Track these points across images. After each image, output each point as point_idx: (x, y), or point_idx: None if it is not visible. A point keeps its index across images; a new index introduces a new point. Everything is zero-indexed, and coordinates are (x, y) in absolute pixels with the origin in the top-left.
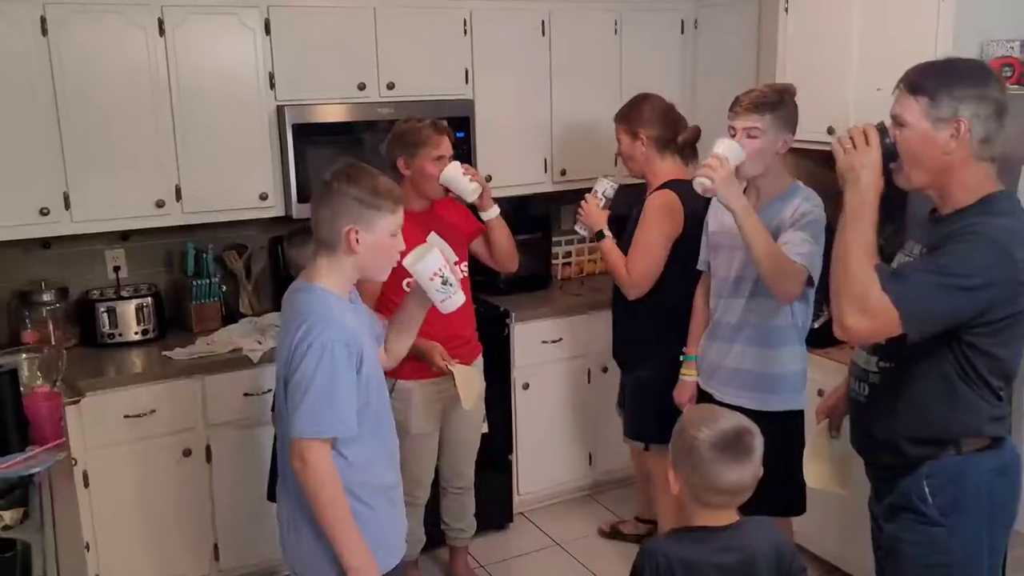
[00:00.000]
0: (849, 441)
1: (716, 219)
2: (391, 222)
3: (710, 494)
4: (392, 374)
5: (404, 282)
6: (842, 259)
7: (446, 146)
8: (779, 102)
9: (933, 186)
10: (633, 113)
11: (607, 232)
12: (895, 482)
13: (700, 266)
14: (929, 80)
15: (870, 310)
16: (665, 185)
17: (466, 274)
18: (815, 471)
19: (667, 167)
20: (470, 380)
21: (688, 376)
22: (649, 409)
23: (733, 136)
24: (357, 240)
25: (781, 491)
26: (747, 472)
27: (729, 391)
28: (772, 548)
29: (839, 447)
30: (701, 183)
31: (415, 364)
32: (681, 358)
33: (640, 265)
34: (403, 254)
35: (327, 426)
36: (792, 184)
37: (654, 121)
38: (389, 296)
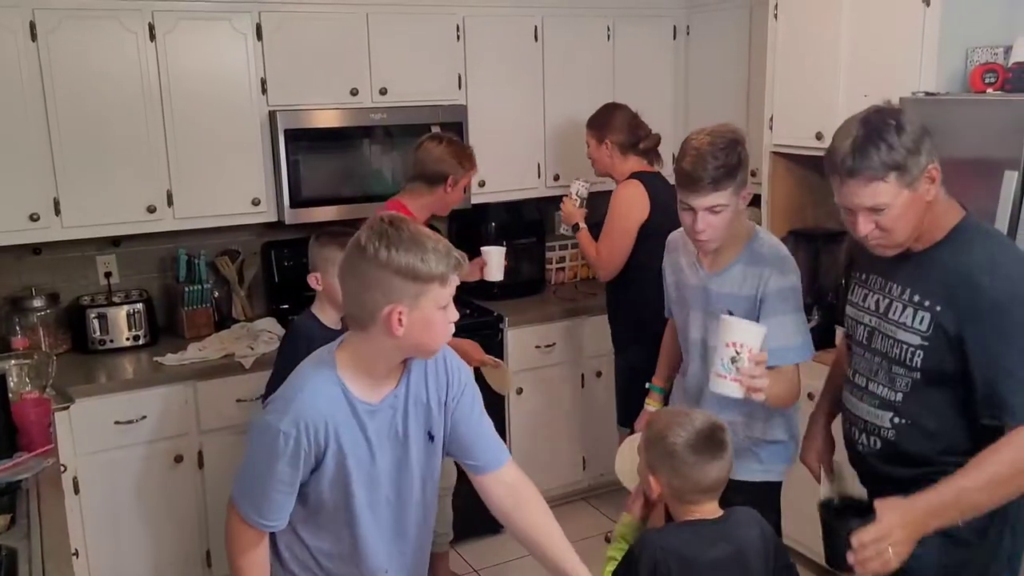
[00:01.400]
0: (845, 478)
1: (673, 267)
2: (441, 294)
3: (694, 493)
4: None
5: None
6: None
7: None
8: (737, 164)
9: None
10: (601, 120)
11: (583, 225)
12: None
13: (665, 314)
14: (881, 156)
15: None
16: (631, 177)
17: None
18: None
19: (630, 164)
20: (508, 372)
21: (652, 408)
22: (636, 394)
23: (691, 212)
24: (400, 322)
25: None
26: (725, 466)
27: None
28: (760, 537)
29: (843, 491)
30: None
31: None
32: (647, 386)
33: (607, 247)
34: None
35: (247, 510)
36: (753, 233)
37: (619, 128)
38: None
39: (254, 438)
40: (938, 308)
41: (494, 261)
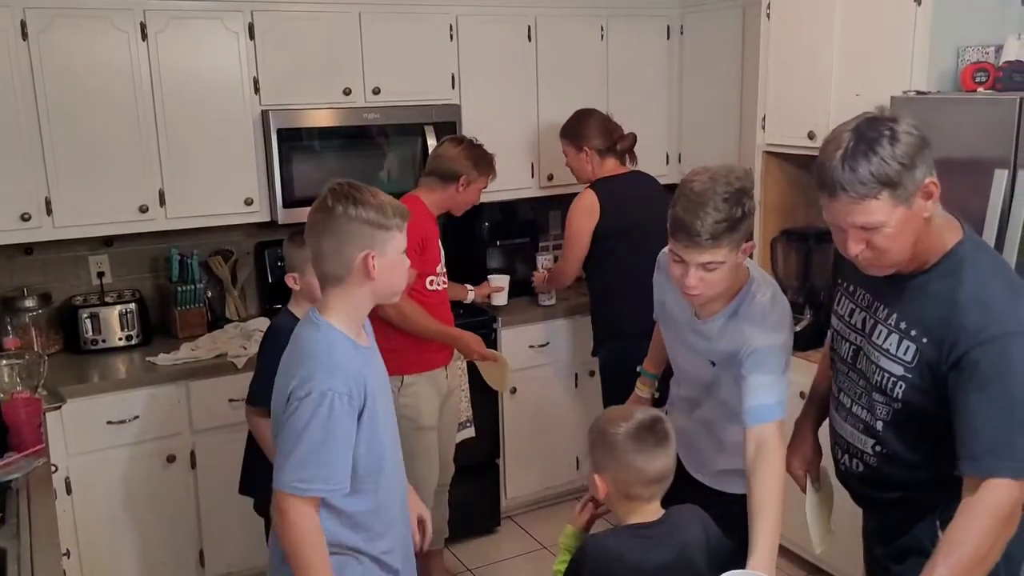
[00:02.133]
0: (832, 490)
1: (660, 288)
2: (401, 241)
3: (639, 486)
4: (398, 369)
5: (427, 279)
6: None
7: None
8: (741, 217)
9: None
10: (576, 129)
11: None
12: (909, 525)
13: (653, 316)
14: (871, 169)
15: (1007, 507)
16: (590, 186)
17: (446, 285)
18: (821, 535)
19: (607, 167)
20: (507, 368)
21: (642, 392)
22: (620, 389)
23: (682, 265)
24: (373, 266)
25: None
26: (669, 457)
27: (688, 463)
28: (702, 533)
29: (827, 496)
30: None
31: (420, 357)
32: (638, 369)
33: (562, 257)
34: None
35: (313, 483)
36: (746, 283)
37: (595, 133)
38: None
39: (306, 414)
40: (924, 340)
41: (506, 289)
